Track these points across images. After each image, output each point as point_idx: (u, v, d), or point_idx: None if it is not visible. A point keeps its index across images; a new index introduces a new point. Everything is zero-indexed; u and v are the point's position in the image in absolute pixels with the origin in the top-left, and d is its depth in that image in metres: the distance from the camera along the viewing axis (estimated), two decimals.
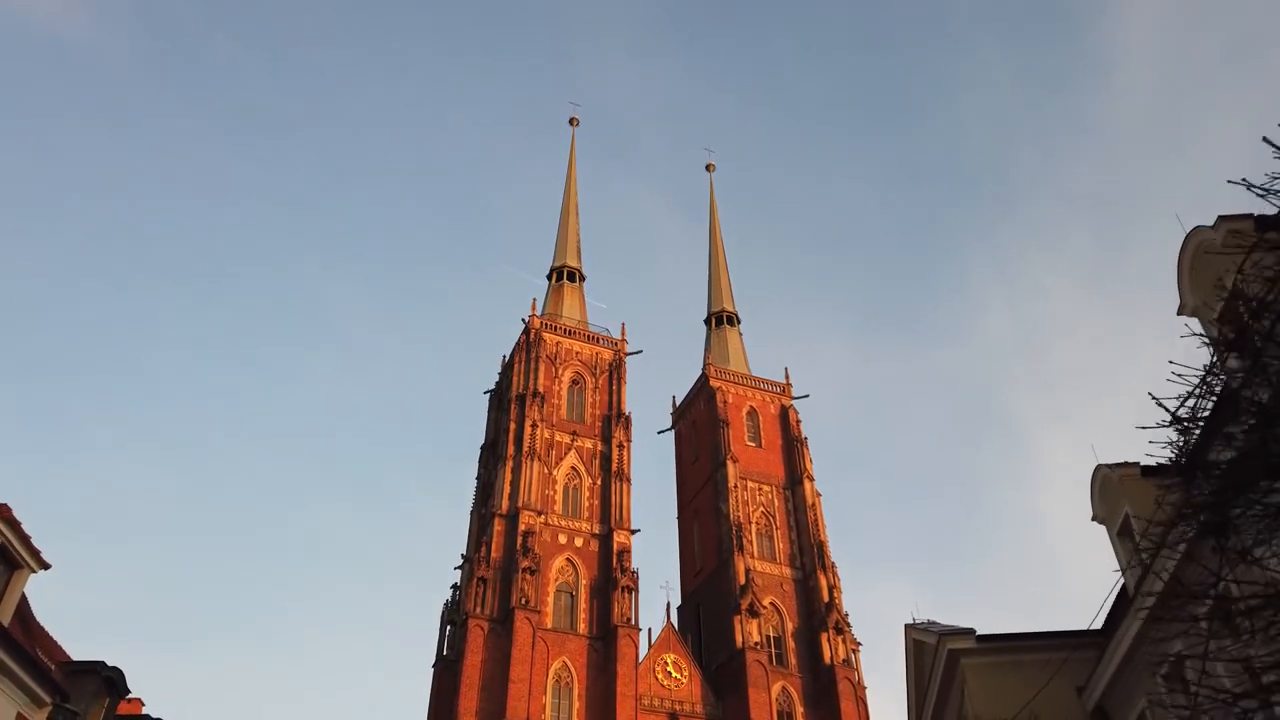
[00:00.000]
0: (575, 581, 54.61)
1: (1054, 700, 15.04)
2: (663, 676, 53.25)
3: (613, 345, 67.22)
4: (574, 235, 75.00)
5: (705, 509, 64.30)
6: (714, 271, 79.48)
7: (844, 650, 56.34)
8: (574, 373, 64.62)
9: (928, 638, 17.76)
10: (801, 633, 57.90)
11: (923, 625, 18.61)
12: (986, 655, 16.02)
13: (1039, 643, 15.78)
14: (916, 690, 19.57)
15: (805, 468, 65.42)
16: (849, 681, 54.72)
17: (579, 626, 52.82)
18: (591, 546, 56.31)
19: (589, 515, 57.70)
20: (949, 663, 16.45)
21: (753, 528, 61.57)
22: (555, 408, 62.04)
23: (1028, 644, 15.90)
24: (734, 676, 53.34)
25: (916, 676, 19.54)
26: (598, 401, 63.80)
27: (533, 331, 64.85)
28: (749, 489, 63.34)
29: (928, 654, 18.62)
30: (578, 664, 51.17)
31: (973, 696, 15.68)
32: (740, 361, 73.00)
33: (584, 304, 71.06)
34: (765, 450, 66.72)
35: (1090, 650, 14.90)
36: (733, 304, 77.24)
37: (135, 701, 29.03)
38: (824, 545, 61.35)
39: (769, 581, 59.35)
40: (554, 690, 49.91)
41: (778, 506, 63.62)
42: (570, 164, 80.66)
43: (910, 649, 19.48)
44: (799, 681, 55.54)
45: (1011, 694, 15.53)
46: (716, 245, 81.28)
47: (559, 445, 60.10)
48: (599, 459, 60.54)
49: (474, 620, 50.56)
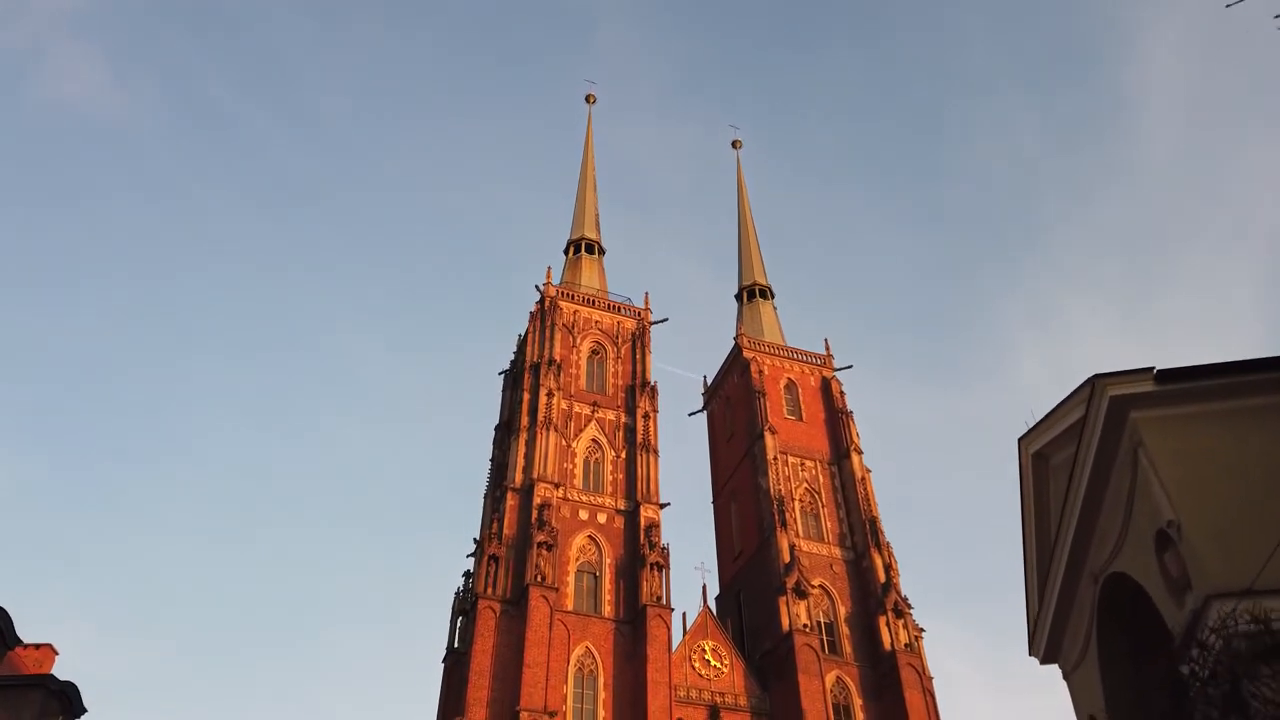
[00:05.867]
0: (599, 561, 48.70)
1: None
2: (700, 665, 46.91)
3: (635, 314, 61.94)
4: (592, 209, 70.38)
5: (743, 487, 58.19)
6: (744, 245, 74.22)
7: (906, 635, 49.55)
8: (594, 342, 59.35)
9: (1062, 422, 11.95)
10: (856, 618, 51.24)
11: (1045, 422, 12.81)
12: (1174, 404, 10.23)
13: (1259, 376, 9.98)
14: (1038, 521, 13.70)
15: (852, 440, 59.15)
16: (913, 669, 47.85)
17: (604, 609, 46.78)
18: (616, 523, 50.46)
19: (612, 490, 51.94)
20: (1109, 427, 10.65)
21: (796, 505, 55.32)
22: (574, 378, 56.71)
23: (1242, 379, 10.07)
24: (781, 663, 46.81)
25: (1037, 502, 13.69)
26: (620, 372, 58.36)
27: (548, 299, 59.83)
28: (790, 464, 57.19)
29: (1057, 459, 12.85)
30: (603, 650, 45.06)
31: (1159, 464, 9.87)
32: (775, 334, 67.27)
33: (604, 275, 66.08)
34: (807, 424, 60.62)
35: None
36: (765, 277, 71.78)
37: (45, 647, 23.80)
38: (877, 522, 54.82)
39: (817, 563, 52.88)
40: (576, 679, 43.79)
41: (823, 483, 57.33)
42: (587, 140, 76.50)
43: (1027, 468, 13.66)
44: (856, 672, 48.78)
45: (1218, 458, 9.75)
46: (746, 219, 76.15)
47: (578, 416, 54.64)
48: (622, 431, 54.93)
49: (484, 602, 44.79)
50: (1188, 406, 10.15)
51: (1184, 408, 10.15)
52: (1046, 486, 13.72)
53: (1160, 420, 10.19)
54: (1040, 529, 14.00)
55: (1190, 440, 9.93)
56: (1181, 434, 10.00)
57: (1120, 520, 11.03)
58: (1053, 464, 13.32)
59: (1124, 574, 11.51)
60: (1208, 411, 10.10)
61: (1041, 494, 13.90)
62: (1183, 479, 9.66)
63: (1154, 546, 10.11)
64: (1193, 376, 10.15)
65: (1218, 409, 10.07)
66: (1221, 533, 9.14)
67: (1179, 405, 10.18)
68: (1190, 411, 10.13)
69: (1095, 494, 11.46)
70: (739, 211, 77.27)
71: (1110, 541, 11.63)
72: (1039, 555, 14.24)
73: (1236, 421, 9.90)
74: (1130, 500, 10.62)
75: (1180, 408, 10.16)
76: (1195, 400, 10.16)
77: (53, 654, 23.08)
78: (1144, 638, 11.79)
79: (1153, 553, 10.15)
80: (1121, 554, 11.24)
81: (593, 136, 76.82)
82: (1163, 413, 10.21)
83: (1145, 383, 10.21)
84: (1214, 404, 10.12)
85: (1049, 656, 14.67)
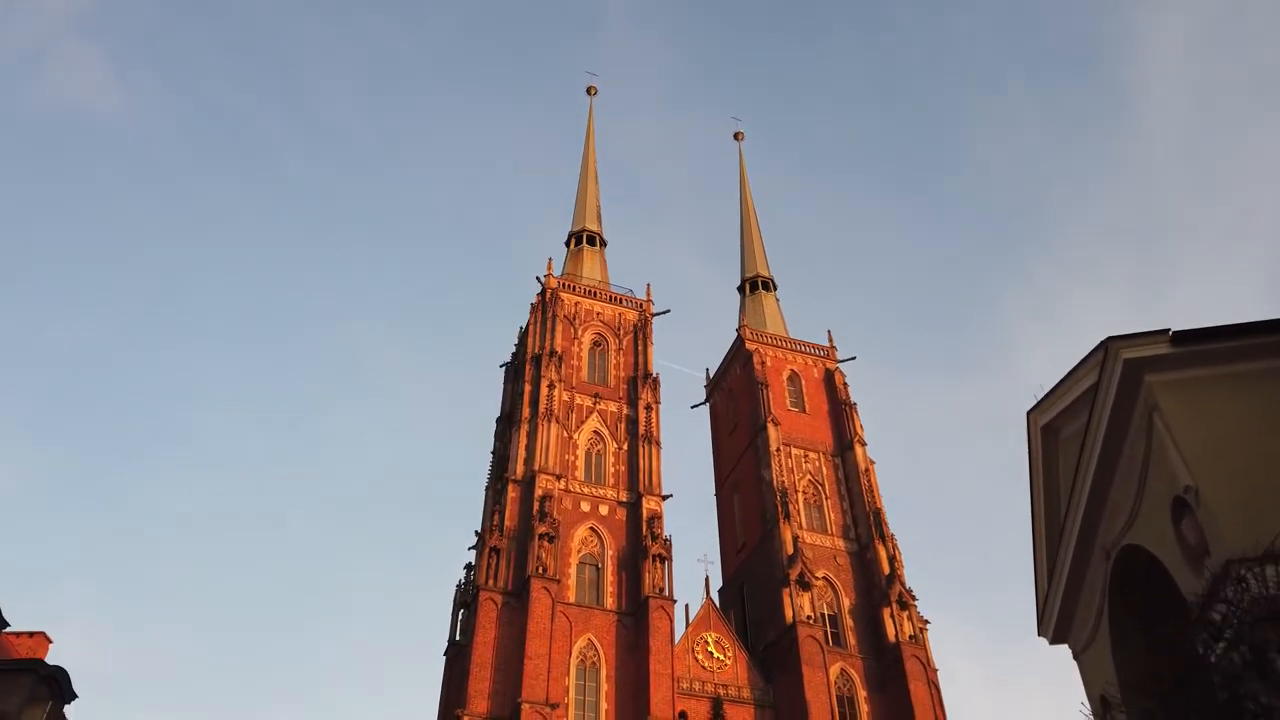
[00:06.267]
0: (600, 553, 48.38)
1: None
2: (703, 657, 46.58)
3: (637, 305, 61.58)
4: (593, 200, 70.03)
5: (745, 479, 57.84)
6: (746, 237, 73.85)
7: (910, 627, 49.19)
8: (595, 334, 59.01)
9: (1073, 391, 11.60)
10: (860, 609, 50.88)
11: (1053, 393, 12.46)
12: (1190, 367, 9.88)
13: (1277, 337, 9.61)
14: (1047, 498, 13.35)
15: (856, 432, 58.79)
16: (918, 660, 47.49)
17: (606, 601, 46.47)
18: (618, 515, 50.13)
19: (614, 482, 51.61)
20: (1123, 392, 10.31)
21: (799, 497, 54.96)
22: (575, 369, 56.38)
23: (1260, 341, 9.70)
24: (785, 655, 46.46)
25: (1046, 478, 13.34)
26: (622, 363, 58.02)
27: (549, 291, 59.49)
28: (793, 456, 56.82)
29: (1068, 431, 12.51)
30: (605, 642, 44.74)
31: (1176, 429, 9.51)
32: (778, 325, 66.88)
33: (605, 267, 65.69)
34: (810, 416, 60.24)
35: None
36: (767, 269, 71.37)
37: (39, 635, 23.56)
38: (881, 513, 54.44)
39: (820, 554, 52.53)
40: (578, 671, 43.49)
41: (826, 475, 56.96)
42: (589, 132, 76.14)
43: (1036, 442, 13.31)
44: (860, 664, 48.42)
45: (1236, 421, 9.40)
46: (748, 211, 75.74)
47: (580, 408, 54.31)
48: (624, 423, 54.58)
49: (486, 594, 44.50)
50: (1204, 369, 9.81)
51: (1200, 370, 9.81)
52: (1056, 462, 13.39)
53: (1176, 384, 9.85)
54: (1050, 506, 13.67)
55: (1207, 403, 9.59)
56: (1198, 397, 9.66)
57: (1134, 490, 10.69)
58: (1063, 437, 12.99)
59: (1137, 547, 11.19)
60: (1225, 374, 9.75)
61: (1051, 469, 13.57)
62: (1200, 443, 9.33)
63: (1170, 515, 9.77)
64: (1209, 338, 9.81)
65: (1235, 371, 9.73)
66: (1241, 496, 8.80)
67: (1195, 368, 9.83)
68: (1207, 374, 9.79)
69: (1108, 464, 11.12)
70: (741, 203, 76.90)
71: (1123, 514, 11.29)
72: (1048, 533, 13.91)
73: (1255, 383, 9.56)
74: (1145, 468, 10.27)
75: (1196, 370, 9.82)
76: (1212, 363, 9.82)
77: (46, 641, 22.83)
78: (1157, 613, 11.45)
79: (1169, 522, 9.82)
80: (1135, 526, 10.90)
81: (594, 128, 76.53)
82: (1179, 376, 9.87)
83: (1161, 345, 9.87)
84: (1231, 366, 9.77)
85: (1059, 636, 14.36)
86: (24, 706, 15.18)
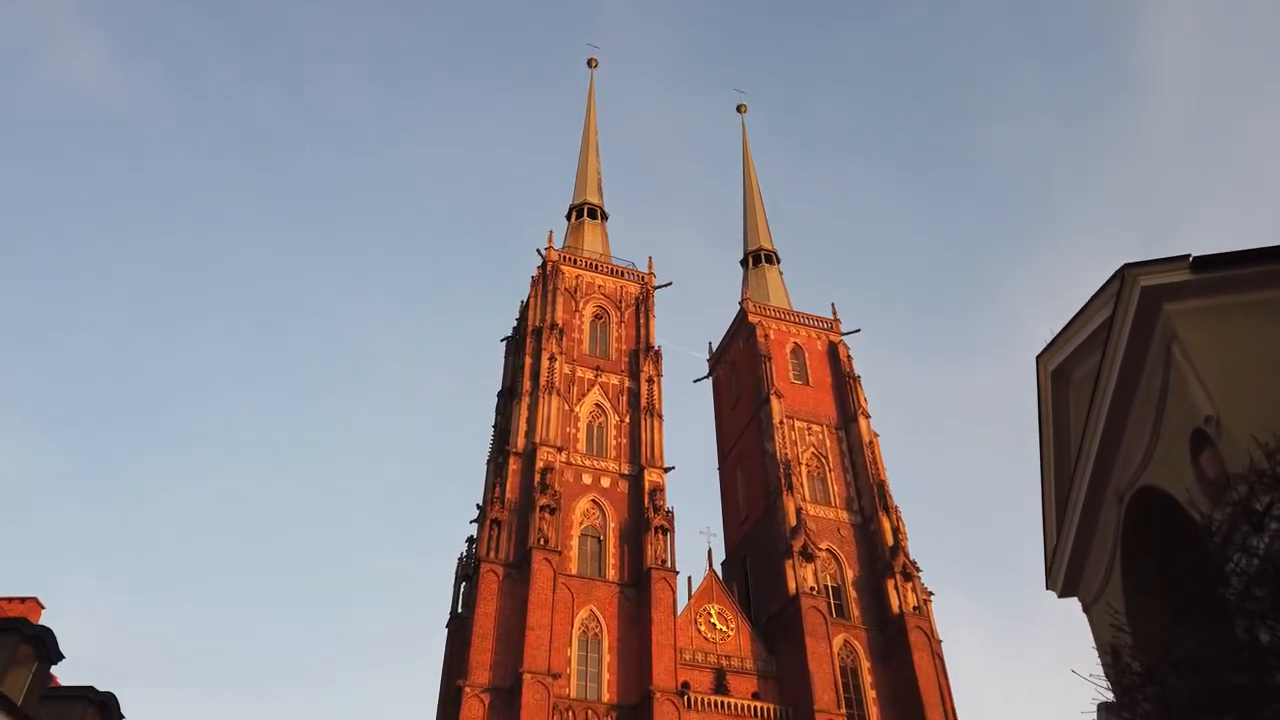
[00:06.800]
0: (603, 525, 48.12)
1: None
2: (706, 629, 46.40)
3: (639, 278, 61.02)
4: (594, 173, 69.31)
5: (749, 452, 57.49)
6: (749, 210, 73.18)
7: (914, 598, 48.97)
8: (596, 307, 58.51)
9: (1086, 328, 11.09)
10: (864, 581, 50.66)
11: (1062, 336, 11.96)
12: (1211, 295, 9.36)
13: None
14: (1057, 445, 12.87)
15: (860, 405, 58.38)
16: (922, 631, 47.30)
17: (608, 573, 46.26)
18: (620, 488, 49.84)
19: (616, 455, 51.28)
20: (1139, 323, 9.80)
21: (803, 469, 54.63)
22: (576, 342, 55.94)
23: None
24: (788, 626, 46.26)
25: (1056, 424, 12.86)
26: (624, 336, 57.56)
27: (550, 264, 58.93)
28: (796, 429, 56.46)
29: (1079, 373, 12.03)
30: (607, 613, 44.56)
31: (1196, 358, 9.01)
32: (781, 298, 66.34)
33: (606, 240, 65.09)
34: (814, 389, 59.81)
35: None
36: (770, 242, 70.74)
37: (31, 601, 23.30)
38: (885, 485, 54.12)
39: (824, 526, 52.27)
40: (580, 641, 43.34)
41: (830, 447, 56.61)
42: (589, 105, 75.29)
43: (1045, 387, 12.82)
44: (864, 636, 48.27)
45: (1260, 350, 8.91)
46: (751, 184, 75.00)
47: (581, 381, 53.91)
48: (626, 395, 54.19)
49: (487, 565, 44.29)
50: (1226, 297, 9.30)
51: (1222, 298, 9.30)
52: (1066, 407, 12.90)
53: (1196, 312, 9.34)
54: (1059, 453, 13.19)
55: (1229, 332, 9.09)
56: (1220, 326, 9.15)
57: (1150, 428, 10.22)
58: (1074, 380, 12.49)
59: (1151, 489, 10.73)
60: (1247, 302, 9.24)
61: (1061, 415, 13.08)
62: (1222, 372, 8.84)
63: (1189, 450, 9.30)
64: (1232, 263, 9.28)
65: (1258, 299, 9.21)
66: (1265, 425, 8.31)
67: (1216, 296, 9.32)
68: (1228, 302, 9.28)
69: (1122, 403, 10.63)
70: (744, 176, 76.13)
71: (1137, 455, 10.82)
72: (1058, 482, 13.43)
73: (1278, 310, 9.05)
74: (1162, 403, 9.79)
75: (1218, 298, 9.31)
76: (1234, 290, 9.31)
77: (38, 607, 22.59)
78: (1172, 557, 11.01)
79: (1187, 457, 9.35)
80: (1151, 465, 10.43)
81: (594, 101, 75.68)
82: (1199, 304, 9.36)
83: (1181, 272, 9.35)
84: (1254, 293, 9.26)
85: (1068, 589, 13.89)
86: (8, 666, 14.87)
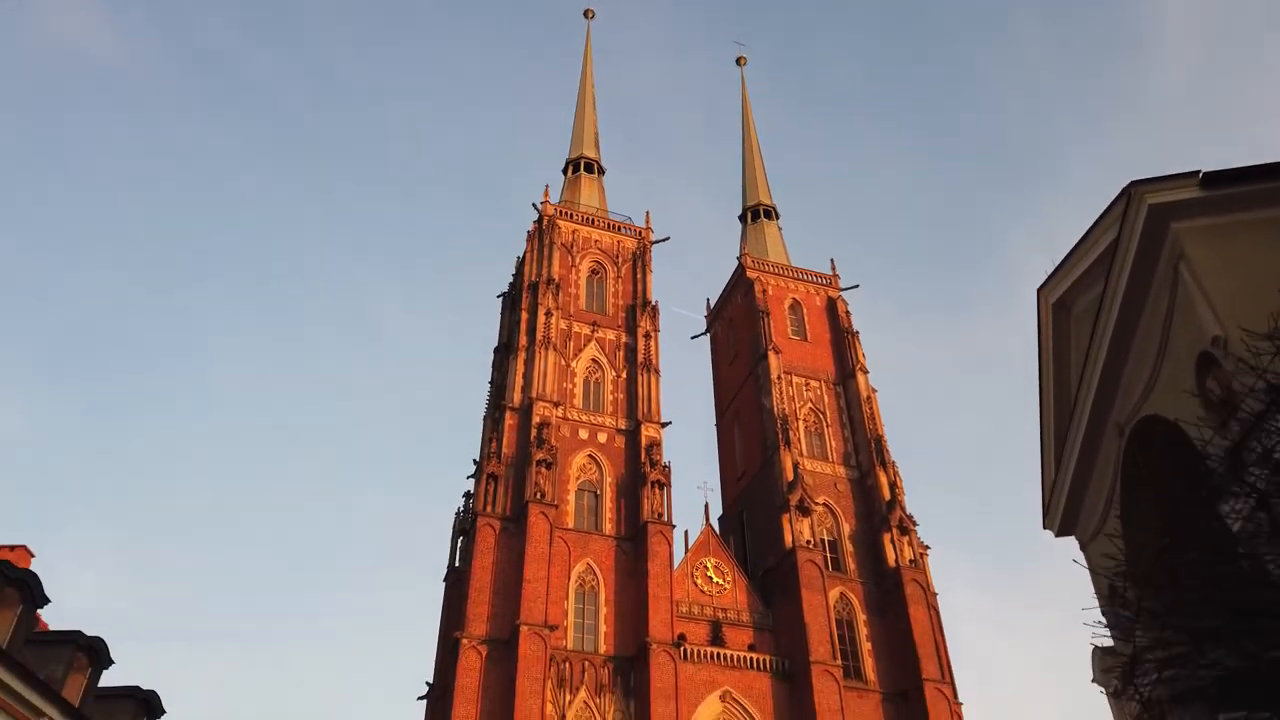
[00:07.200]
0: (599, 480, 48.07)
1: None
2: (702, 582, 46.56)
3: (636, 233, 60.34)
4: (591, 127, 68.25)
5: (746, 408, 57.31)
6: (748, 165, 72.21)
7: (910, 552, 49.08)
8: (593, 262, 57.95)
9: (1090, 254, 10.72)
10: (860, 535, 50.76)
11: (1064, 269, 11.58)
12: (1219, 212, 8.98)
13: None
14: (1057, 379, 12.57)
15: (858, 360, 58.06)
16: (917, 584, 47.46)
17: (604, 527, 46.29)
18: (617, 443, 49.71)
19: (613, 410, 51.08)
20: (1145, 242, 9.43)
21: (800, 425, 54.47)
22: (573, 297, 55.47)
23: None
24: (784, 579, 46.40)
25: (1056, 359, 12.55)
26: (620, 291, 57.07)
27: (546, 218, 58.23)
28: (794, 384, 56.21)
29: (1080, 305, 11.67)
30: (604, 566, 44.67)
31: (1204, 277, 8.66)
32: (780, 254, 65.71)
33: (604, 195, 64.29)
34: (812, 344, 59.45)
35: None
36: (769, 197, 69.89)
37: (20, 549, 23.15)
38: (882, 440, 54.01)
39: (821, 481, 52.24)
40: (577, 595, 43.49)
41: (828, 403, 56.41)
42: (586, 57, 73.92)
43: (1046, 321, 12.48)
44: (860, 589, 48.45)
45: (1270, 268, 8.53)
46: (750, 138, 73.94)
47: (578, 336, 53.54)
48: (623, 350, 53.86)
49: (484, 519, 44.28)
50: (1235, 214, 8.94)
51: (1231, 216, 8.93)
52: (1067, 340, 12.59)
53: (1205, 230, 8.98)
54: (1059, 389, 12.91)
55: (1238, 250, 8.73)
56: (1229, 243, 8.80)
57: (1154, 353, 9.90)
58: (1075, 313, 12.16)
59: (1154, 420, 10.44)
60: (1257, 220, 8.87)
61: (1061, 351, 12.78)
62: (1231, 292, 8.50)
63: (1194, 373, 8.98)
64: (1243, 179, 8.88)
65: (1268, 216, 8.83)
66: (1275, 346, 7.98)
67: (1225, 213, 8.96)
68: (1237, 220, 8.92)
69: (1126, 329, 10.30)
70: (743, 130, 75.04)
71: (1139, 384, 10.52)
72: (1057, 418, 13.16)
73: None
74: (1168, 326, 9.46)
75: (1227, 216, 8.94)
76: (1243, 207, 8.94)
77: (28, 555, 22.45)
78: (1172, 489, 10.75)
79: (1192, 381, 9.03)
80: (1154, 393, 10.13)
81: (591, 54, 74.33)
82: (1208, 222, 8.99)
83: (1189, 189, 8.97)
84: (1263, 211, 8.88)
85: (1065, 528, 13.72)
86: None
